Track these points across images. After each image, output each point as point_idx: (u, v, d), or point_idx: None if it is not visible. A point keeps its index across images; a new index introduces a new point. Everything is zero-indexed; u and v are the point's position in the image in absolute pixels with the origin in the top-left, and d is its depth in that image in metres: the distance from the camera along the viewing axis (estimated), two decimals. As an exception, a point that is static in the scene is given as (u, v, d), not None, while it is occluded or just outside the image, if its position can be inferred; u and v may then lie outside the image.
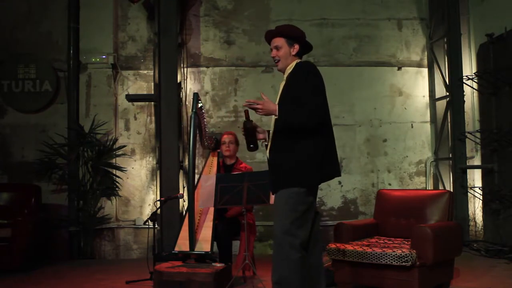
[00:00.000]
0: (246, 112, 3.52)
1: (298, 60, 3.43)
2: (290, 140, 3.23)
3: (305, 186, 3.19)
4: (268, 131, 3.46)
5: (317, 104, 3.20)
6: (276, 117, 3.27)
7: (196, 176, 4.93)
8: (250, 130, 3.45)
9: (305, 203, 3.20)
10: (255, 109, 3.26)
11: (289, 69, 3.38)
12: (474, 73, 6.65)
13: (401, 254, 3.85)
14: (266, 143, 3.46)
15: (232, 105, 6.89)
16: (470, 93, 6.87)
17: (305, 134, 3.20)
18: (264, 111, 3.26)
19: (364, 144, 7.02)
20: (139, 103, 6.85)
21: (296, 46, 3.40)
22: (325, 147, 3.29)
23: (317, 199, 7.20)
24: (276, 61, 3.44)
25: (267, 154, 3.39)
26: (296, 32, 3.43)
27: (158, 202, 5.38)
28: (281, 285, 3.13)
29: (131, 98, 6.71)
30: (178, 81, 6.53)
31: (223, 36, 6.97)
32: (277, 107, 3.24)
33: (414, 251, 3.89)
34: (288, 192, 3.18)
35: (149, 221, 4.88)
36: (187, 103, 6.79)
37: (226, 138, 5.21)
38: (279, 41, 3.40)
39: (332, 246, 4.24)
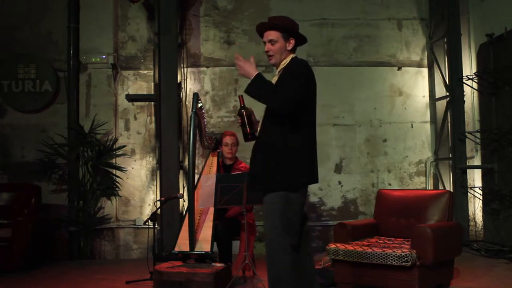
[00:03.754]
0: (241, 98, 3.38)
1: (294, 56, 3.27)
2: (277, 140, 3.14)
3: (292, 190, 3.13)
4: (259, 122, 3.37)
5: (296, 91, 3.05)
6: (249, 87, 3.18)
7: (196, 176, 4.93)
8: (248, 119, 3.34)
9: (294, 205, 3.14)
10: (240, 67, 3.21)
11: (283, 64, 3.24)
12: (474, 73, 6.65)
13: (401, 254, 3.86)
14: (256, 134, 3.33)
15: (232, 105, 6.89)
16: (470, 93, 6.87)
17: (293, 134, 3.12)
18: (242, 70, 3.20)
19: (364, 144, 7.02)
20: (139, 103, 6.85)
21: (292, 41, 3.22)
22: (311, 149, 3.22)
23: (317, 199, 7.20)
24: (269, 55, 3.25)
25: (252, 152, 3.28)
26: (292, 26, 3.24)
27: (158, 202, 5.38)
28: (274, 286, 3.12)
29: (131, 98, 6.71)
30: (178, 81, 6.53)
31: (223, 36, 6.97)
32: (255, 73, 3.14)
33: (414, 251, 3.89)
34: (276, 196, 3.12)
35: (149, 221, 4.87)
36: (187, 103, 6.79)
37: (228, 139, 5.16)
38: (274, 34, 3.20)
39: (332, 246, 4.24)
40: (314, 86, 3.24)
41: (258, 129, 3.32)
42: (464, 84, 6.68)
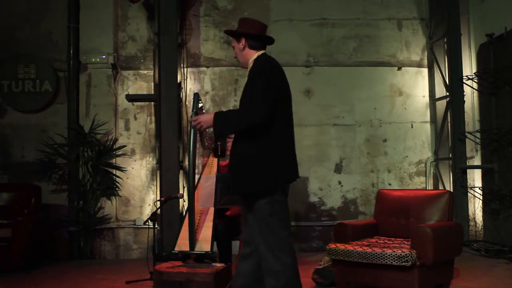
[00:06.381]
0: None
1: (260, 53, 3.29)
2: (252, 144, 3.12)
3: (274, 190, 3.12)
4: None
5: (260, 103, 3.02)
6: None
7: (196, 176, 4.92)
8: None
9: (281, 203, 3.14)
10: (198, 126, 3.27)
11: (250, 64, 3.28)
12: (474, 73, 6.65)
13: (401, 254, 3.85)
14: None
15: (232, 105, 6.89)
16: (470, 93, 6.87)
17: (266, 133, 3.09)
18: (204, 124, 3.23)
19: (364, 144, 7.02)
20: (139, 103, 6.85)
21: (242, 41, 3.28)
22: (286, 145, 3.20)
23: (317, 199, 7.18)
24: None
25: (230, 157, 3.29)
26: (239, 28, 3.32)
27: (158, 202, 5.37)
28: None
29: (131, 98, 6.71)
30: (178, 81, 6.53)
31: (223, 36, 6.96)
32: (212, 116, 3.17)
33: (414, 251, 3.89)
34: (261, 203, 3.10)
35: (149, 221, 4.87)
36: (187, 103, 6.79)
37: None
38: (233, 40, 3.37)
39: (332, 246, 4.24)
40: (282, 77, 3.22)
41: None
42: (464, 84, 6.68)
